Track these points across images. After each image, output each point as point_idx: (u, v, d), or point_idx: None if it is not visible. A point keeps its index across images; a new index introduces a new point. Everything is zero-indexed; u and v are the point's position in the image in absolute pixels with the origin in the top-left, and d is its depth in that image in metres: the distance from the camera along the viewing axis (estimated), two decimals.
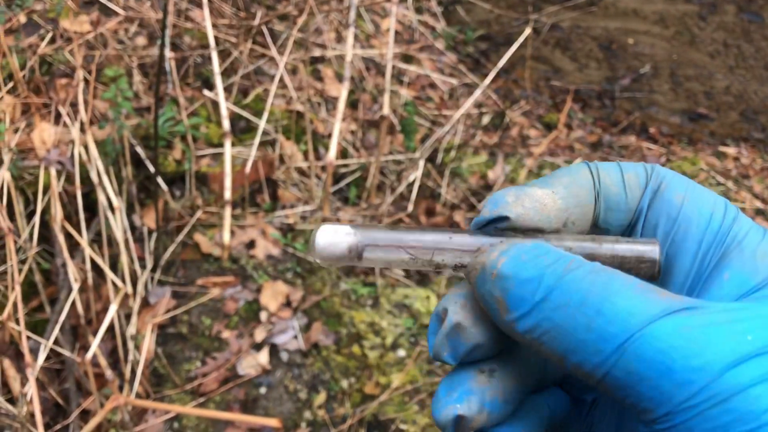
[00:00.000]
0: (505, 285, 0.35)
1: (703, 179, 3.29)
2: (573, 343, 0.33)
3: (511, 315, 0.34)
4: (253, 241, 2.43)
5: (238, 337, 2.19)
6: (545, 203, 0.39)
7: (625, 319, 0.32)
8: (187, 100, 2.57)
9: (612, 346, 0.32)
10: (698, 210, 0.39)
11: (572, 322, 0.33)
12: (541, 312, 0.33)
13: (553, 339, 0.33)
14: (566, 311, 0.33)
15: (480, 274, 0.36)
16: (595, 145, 3.70)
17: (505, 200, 0.39)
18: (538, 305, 0.34)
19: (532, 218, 0.39)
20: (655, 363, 0.31)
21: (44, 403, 2.01)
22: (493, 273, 0.35)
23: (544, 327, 0.33)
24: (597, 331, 0.32)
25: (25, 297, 2.11)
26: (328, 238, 0.39)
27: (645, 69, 4.54)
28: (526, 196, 0.39)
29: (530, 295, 0.34)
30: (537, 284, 0.34)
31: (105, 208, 2.13)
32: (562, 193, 0.40)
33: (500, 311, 0.35)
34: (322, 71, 3.12)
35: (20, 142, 2.21)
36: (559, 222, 0.39)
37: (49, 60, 2.48)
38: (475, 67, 4.25)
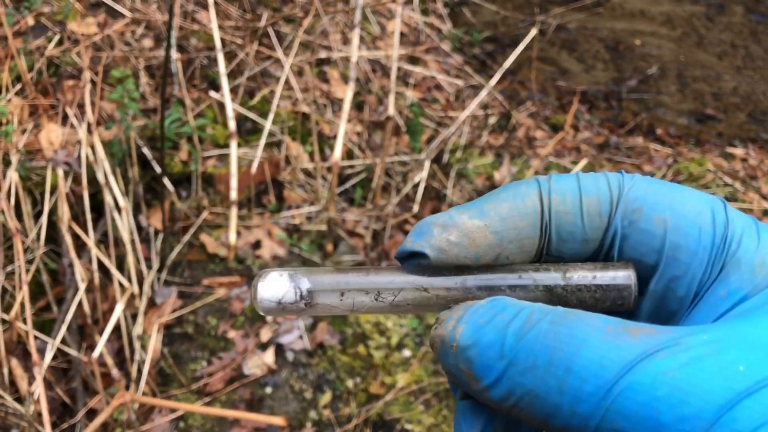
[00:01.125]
0: (467, 356, 0.32)
1: (711, 180, 3.28)
2: (550, 407, 0.30)
3: (481, 385, 0.32)
4: (258, 241, 2.44)
5: (244, 337, 2.20)
6: (474, 238, 0.35)
7: (597, 373, 0.29)
8: (193, 102, 2.58)
9: (590, 407, 0.28)
10: (684, 232, 0.35)
11: (544, 386, 0.30)
12: (511, 378, 0.31)
13: (530, 405, 0.30)
14: (535, 374, 0.30)
15: (441, 348, 0.34)
16: (601, 147, 3.69)
17: (430, 231, 0.36)
18: (506, 371, 0.31)
19: (457, 255, 0.35)
20: (642, 419, 0.27)
21: (51, 402, 2.03)
22: (453, 346, 0.33)
23: (517, 393, 0.31)
24: (571, 392, 0.29)
25: (33, 297, 2.12)
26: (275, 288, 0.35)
27: (652, 70, 4.53)
28: (455, 228, 0.36)
29: (495, 362, 0.31)
30: (500, 348, 0.31)
31: (112, 209, 2.15)
32: (496, 226, 0.36)
33: (470, 382, 0.32)
34: (328, 73, 3.12)
35: (28, 143, 2.23)
36: (488, 258, 0.36)
37: (56, 62, 2.50)
38: (481, 69, 4.25)
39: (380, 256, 2.55)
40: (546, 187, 0.36)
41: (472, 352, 0.32)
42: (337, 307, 0.36)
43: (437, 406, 2.13)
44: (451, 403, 2.13)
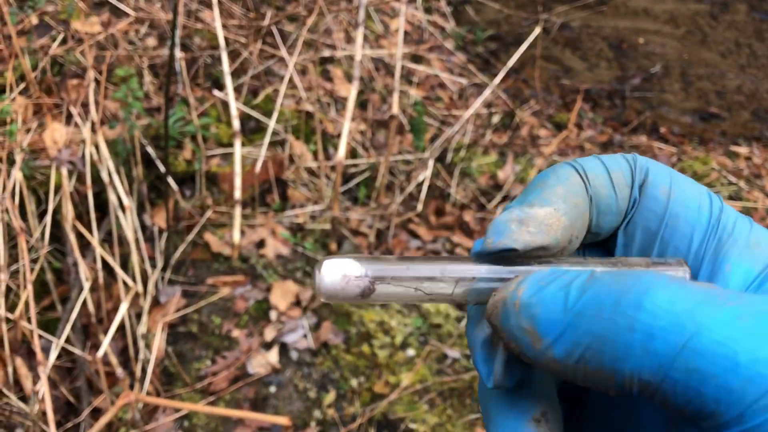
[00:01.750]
0: (531, 312, 0.32)
1: (715, 179, 3.27)
2: (619, 350, 0.29)
3: (544, 342, 0.31)
4: (262, 240, 2.44)
5: (248, 336, 2.20)
6: (550, 224, 0.36)
7: (669, 310, 0.28)
8: (197, 101, 2.58)
9: (663, 345, 0.28)
10: (685, 204, 0.37)
11: (613, 327, 0.29)
12: (576, 328, 0.30)
13: (597, 353, 0.30)
14: (602, 317, 0.30)
15: (502, 310, 0.34)
16: (605, 145, 3.68)
17: (509, 228, 0.36)
18: (572, 322, 0.30)
19: (541, 243, 0.36)
20: (717, 357, 0.27)
21: (56, 402, 2.03)
22: (515, 304, 0.33)
23: (584, 342, 0.30)
24: (642, 329, 0.29)
25: (37, 296, 2.12)
26: (335, 275, 0.36)
27: (656, 68, 4.52)
28: (530, 220, 0.36)
29: (560, 315, 0.31)
30: (564, 301, 0.31)
31: (116, 208, 2.14)
32: (563, 209, 0.37)
33: (532, 343, 0.32)
34: (332, 71, 3.12)
35: (32, 142, 2.23)
36: (565, 240, 0.37)
37: (60, 61, 2.49)
38: (485, 67, 4.25)
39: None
40: (580, 167, 0.38)
41: (535, 309, 0.32)
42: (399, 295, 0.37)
43: (441, 406, 2.12)
44: (455, 403, 2.13)
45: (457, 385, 2.17)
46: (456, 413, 2.11)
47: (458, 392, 2.16)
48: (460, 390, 2.16)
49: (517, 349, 0.33)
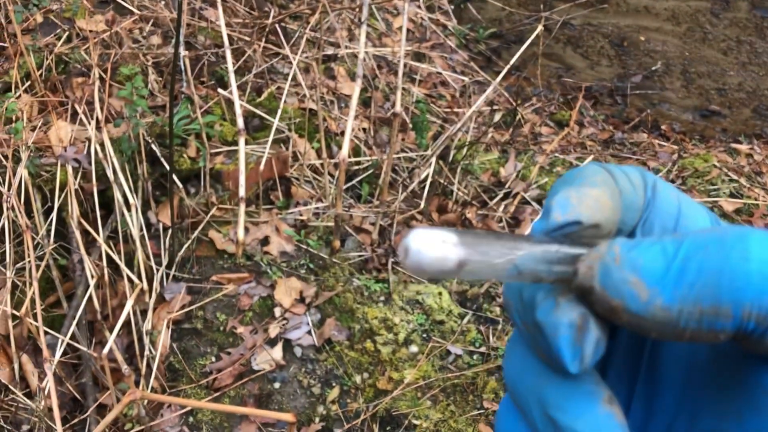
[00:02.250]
0: (634, 264, 0.31)
1: (716, 176, 3.28)
2: (738, 279, 0.28)
3: (652, 291, 0.31)
4: (267, 237, 2.45)
5: (253, 332, 2.22)
6: (603, 202, 0.36)
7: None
8: (201, 99, 2.59)
9: None
10: (690, 216, 0.38)
11: (726, 260, 0.29)
12: (686, 269, 0.30)
13: (714, 288, 0.29)
14: (710, 253, 0.29)
15: (601, 267, 0.33)
16: (606, 143, 3.70)
17: (570, 203, 0.36)
18: (680, 265, 0.30)
19: (599, 219, 0.36)
20: None
21: (62, 398, 2.04)
22: (615, 259, 0.32)
23: (699, 282, 0.29)
24: (756, 257, 0.28)
25: (43, 293, 2.14)
26: (431, 247, 0.33)
27: (657, 66, 4.53)
28: (587, 197, 0.36)
29: (665, 261, 0.30)
30: (664, 251, 0.31)
31: (121, 206, 2.16)
32: (608, 192, 0.37)
33: (639, 294, 0.31)
34: (335, 69, 3.13)
35: (37, 140, 2.24)
36: (611, 224, 0.36)
37: (65, 59, 2.51)
38: (487, 65, 4.26)
39: (387, 252, 2.56)
40: (648, 176, 0.38)
41: (638, 260, 0.32)
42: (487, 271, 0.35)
43: (444, 402, 2.14)
44: (458, 399, 2.15)
45: (460, 381, 2.19)
46: (459, 409, 2.13)
47: (461, 388, 2.17)
48: (463, 386, 2.18)
49: (621, 306, 0.32)
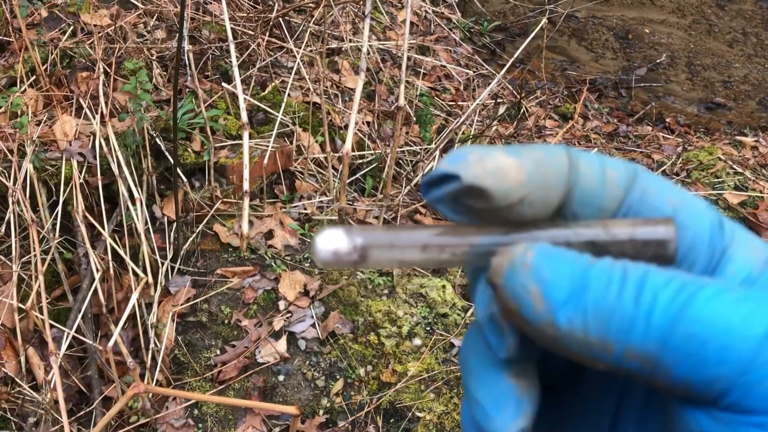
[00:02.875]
0: (539, 274, 0.32)
1: (721, 169, 3.28)
2: (625, 322, 0.30)
3: (547, 305, 0.32)
4: (271, 231, 2.46)
5: (257, 325, 2.23)
6: (508, 173, 0.35)
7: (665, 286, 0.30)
8: (205, 93, 2.60)
9: (663, 315, 0.29)
10: (691, 214, 0.36)
11: (620, 299, 0.30)
12: (584, 296, 0.31)
13: (603, 323, 0.30)
14: (609, 290, 0.30)
15: (509, 268, 0.34)
16: (611, 135, 3.69)
17: (466, 158, 0.35)
18: (579, 290, 0.31)
19: (489, 185, 0.35)
20: (712, 321, 0.28)
21: (67, 390, 2.06)
22: (525, 264, 0.33)
23: (590, 311, 0.31)
24: (645, 302, 0.29)
25: (49, 286, 2.15)
26: (331, 242, 0.37)
27: (661, 58, 4.52)
28: (490, 160, 0.35)
29: (568, 281, 0.31)
30: (572, 269, 0.32)
31: (125, 199, 2.17)
32: (529, 167, 0.35)
33: (534, 304, 0.32)
34: (339, 63, 3.13)
35: (42, 134, 2.25)
36: (515, 197, 0.35)
37: (70, 53, 2.51)
38: (491, 58, 4.25)
39: None
40: (574, 154, 0.37)
41: (544, 272, 0.32)
42: (388, 261, 0.37)
43: (448, 394, 2.15)
44: (461, 392, 2.16)
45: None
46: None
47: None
48: None
49: (516, 310, 0.33)
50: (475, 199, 0.36)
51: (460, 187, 0.35)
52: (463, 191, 0.35)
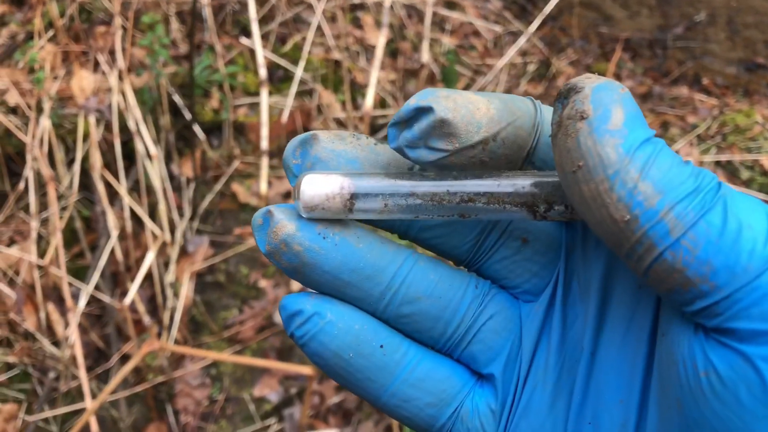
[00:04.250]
0: (629, 103, 0.32)
1: (758, 133, 3.15)
2: (676, 181, 0.30)
3: (621, 131, 0.31)
4: (290, 191, 2.43)
5: (275, 286, 2.21)
6: (479, 107, 0.35)
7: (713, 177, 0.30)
8: (224, 48, 2.54)
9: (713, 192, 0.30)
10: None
11: (681, 163, 0.31)
12: (652, 144, 0.31)
13: (657, 171, 0.30)
14: (676, 157, 0.31)
15: (606, 83, 0.33)
16: (644, 97, 3.57)
17: (436, 94, 0.35)
18: (651, 140, 0.31)
19: (462, 117, 0.34)
20: (756, 211, 0.29)
21: (86, 347, 2.07)
22: (621, 89, 0.33)
23: (653, 155, 0.30)
24: (703, 178, 0.30)
25: (67, 243, 2.15)
26: (316, 187, 0.36)
27: (700, 16, 4.34)
28: (460, 96, 0.35)
29: (646, 130, 0.31)
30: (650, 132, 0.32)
31: (143, 157, 2.14)
32: (497, 104, 0.36)
33: (613, 120, 0.31)
34: (362, 19, 3.05)
35: (60, 90, 2.23)
36: (489, 131, 0.35)
37: (88, 8, 2.47)
38: (521, 14, 4.12)
39: None
40: (538, 103, 0.37)
41: (633, 108, 0.32)
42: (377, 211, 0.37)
43: None
44: None
45: None
46: None
47: None
48: None
49: (587, 114, 0.32)
50: (448, 138, 0.34)
51: (434, 120, 0.34)
52: (436, 126, 0.34)
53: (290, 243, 0.36)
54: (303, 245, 0.37)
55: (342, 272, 0.37)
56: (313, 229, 0.37)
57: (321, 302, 0.38)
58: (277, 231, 0.36)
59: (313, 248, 0.37)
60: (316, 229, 0.37)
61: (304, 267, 0.37)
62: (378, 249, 0.38)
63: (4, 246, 2.08)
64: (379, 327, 0.39)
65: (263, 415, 1.98)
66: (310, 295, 0.38)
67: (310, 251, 0.37)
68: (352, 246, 0.37)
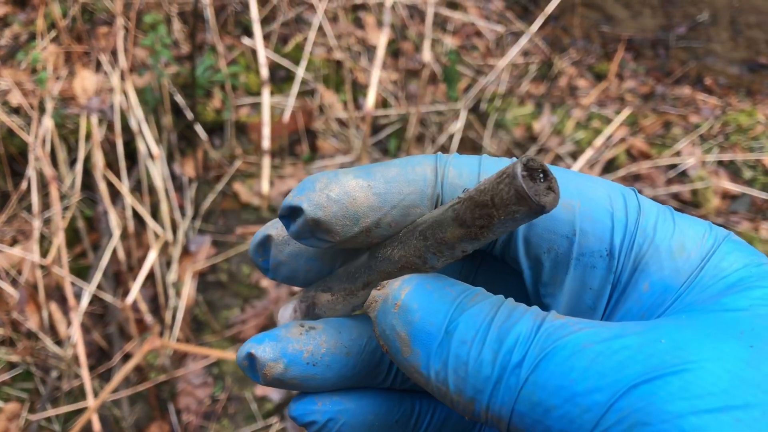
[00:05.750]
0: (409, 318, 0.31)
1: (760, 132, 3.15)
2: (480, 383, 0.29)
3: (413, 353, 0.31)
4: (289, 192, 2.43)
5: (277, 286, 2.21)
6: (355, 197, 0.34)
7: (525, 342, 0.29)
8: (226, 49, 2.55)
9: (515, 378, 0.28)
10: (593, 217, 0.33)
11: (479, 358, 0.29)
12: (448, 350, 0.30)
13: (460, 380, 0.30)
14: (473, 347, 0.30)
15: (381, 306, 0.32)
16: (646, 97, 3.57)
17: (312, 187, 0.34)
18: (444, 342, 0.30)
19: (335, 213, 0.34)
20: (558, 389, 0.27)
21: (89, 346, 2.07)
22: (396, 304, 0.32)
23: (451, 365, 0.30)
24: (501, 363, 0.29)
25: (70, 243, 2.15)
26: (286, 319, 0.42)
27: (703, 16, 4.34)
28: (337, 185, 0.34)
29: (436, 330, 0.30)
30: (443, 318, 0.31)
31: (145, 157, 2.15)
32: (380, 188, 0.34)
33: (401, 349, 0.31)
34: (363, 19, 3.05)
35: (62, 90, 2.23)
36: (368, 221, 0.34)
37: (90, 8, 2.48)
38: (524, 14, 4.12)
39: None
40: (443, 161, 0.35)
41: (414, 316, 0.31)
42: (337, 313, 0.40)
43: None
44: None
45: None
46: None
47: None
48: None
49: (385, 348, 0.32)
50: (327, 233, 0.34)
51: (306, 221, 0.34)
52: (311, 224, 0.34)
53: (284, 380, 0.37)
54: (297, 378, 0.37)
55: (342, 381, 0.38)
56: (299, 359, 0.36)
57: (331, 407, 0.38)
58: (266, 374, 0.36)
59: (307, 377, 0.37)
60: (303, 358, 0.36)
61: (306, 389, 0.38)
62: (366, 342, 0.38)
63: (6, 245, 2.09)
64: (390, 404, 0.39)
65: (265, 414, 1.99)
66: (317, 402, 0.38)
67: (305, 380, 0.37)
68: (342, 358, 0.37)
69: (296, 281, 0.39)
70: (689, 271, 0.32)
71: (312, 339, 0.36)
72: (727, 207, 2.73)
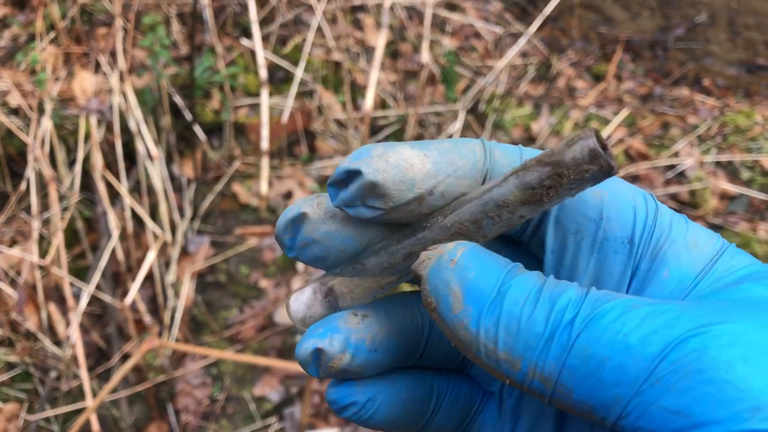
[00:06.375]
0: (464, 274, 0.32)
1: (759, 133, 3.15)
2: (532, 339, 0.30)
3: (465, 309, 0.32)
4: (290, 191, 2.43)
5: (276, 286, 2.21)
6: (412, 164, 0.35)
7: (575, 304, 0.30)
8: (225, 49, 2.55)
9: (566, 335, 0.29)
10: (619, 207, 0.36)
11: (530, 316, 0.30)
12: (500, 307, 0.31)
13: (511, 337, 0.31)
14: (525, 304, 0.31)
15: (436, 262, 0.33)
16: (645, 98, 3.57)
17: (369, 153, 0.35)
18: (497, 300, 0.31)
19: (393, 177, 0.35)
20: (611, 342, 0.28)
21: (88, 347, 2.08)
22: (453, 260, 0.33)
23: (503, 324, 0.31)
24: (553, 321, 0.30)
25: (68, 244, 2.16)
26: (301, 306, 0.39)
27: (701, 18, 4.35)
28: (393, 153, 0.35)
29: (490, 288, 0.31)
30: (497, 278, 0.32)
31: (144, 158, 2.15)
32: (435, 157, 0.36)
33: (453, 304, 0.32)
34: (362, 20, 3.06)
35: (61, 91, 2.24)
36: (423, 188, 0.35)
37: (89, 9, 2.48)
38: (522, 16, 4.13)
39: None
40: (490, 143, 0.37)
41: (469, 273, 0.32)
42: (356, 298, 0.39)
43: None
44: None
45: None
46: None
47: None
48: None
49: (433, 306, 0.33)
50: (381, 199, 0.35)
51: (364, 183, 0.35)
52: (367, 188, 0.35)
53: (350, 369, 0.38)
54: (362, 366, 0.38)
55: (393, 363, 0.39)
56: (363, 347, 0.38)
57: (370, 387, 0.39)
58: (333, 366, 0.37)
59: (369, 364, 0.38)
60: (366, 345, 0.38)
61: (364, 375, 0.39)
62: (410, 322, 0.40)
63: (5, 246, 2.09)
64: (417, 382, 0.40)
65: (264, 414, 1.99)
66: (357, 383, 0.39)
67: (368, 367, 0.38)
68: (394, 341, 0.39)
69: (324, 262, 0.39)
70: (704, 262, 0.35)
71: (369, 326, 0.37)
72: (725, 208, 2.73)
